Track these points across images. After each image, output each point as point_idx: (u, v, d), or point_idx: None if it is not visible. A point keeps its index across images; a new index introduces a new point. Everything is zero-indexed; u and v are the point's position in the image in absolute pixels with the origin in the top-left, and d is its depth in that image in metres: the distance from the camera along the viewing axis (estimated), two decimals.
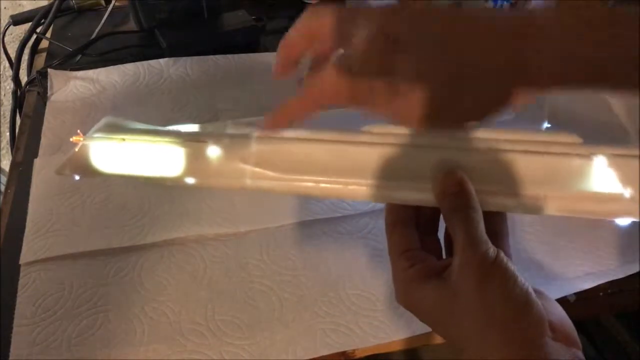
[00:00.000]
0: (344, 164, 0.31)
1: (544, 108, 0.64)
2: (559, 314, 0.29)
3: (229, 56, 0.75)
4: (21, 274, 0.49)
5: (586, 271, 0.50)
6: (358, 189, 0.31)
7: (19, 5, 1.10)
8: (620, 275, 0.50)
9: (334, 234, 0.54)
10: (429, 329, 0.47)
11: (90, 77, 0.71)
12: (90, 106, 0.67)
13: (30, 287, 0.48)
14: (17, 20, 0.78)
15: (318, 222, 0.54)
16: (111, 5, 0.81)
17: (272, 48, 0.79)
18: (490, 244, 0.28)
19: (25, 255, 0.50)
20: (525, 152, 0.30)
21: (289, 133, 0.32)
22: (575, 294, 0.49)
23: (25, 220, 0.53)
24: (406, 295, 0.30)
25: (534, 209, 0.30)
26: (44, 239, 0.51)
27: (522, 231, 0.54)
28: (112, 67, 0.72)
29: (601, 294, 0.49)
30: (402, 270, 0.30)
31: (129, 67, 0.73)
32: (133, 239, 0.52)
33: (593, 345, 0.86)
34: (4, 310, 0.46)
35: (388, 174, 0.31)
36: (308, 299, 0.48)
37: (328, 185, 0.31)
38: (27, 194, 0.56)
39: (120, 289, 0.48)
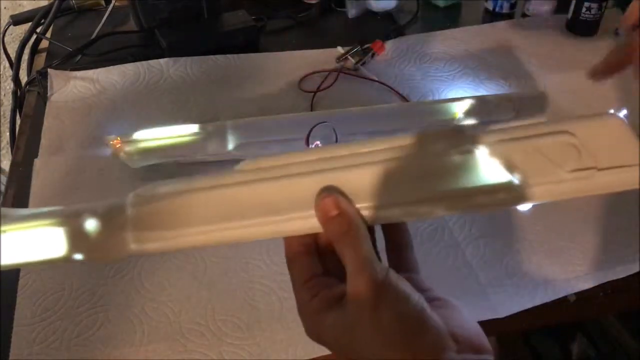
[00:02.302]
0: (223, 208, 0.30)
1: (544, 109, 0.64)
2: (463, 322, 0.29)
3: (229, 56, 0.75)
4: (21, 274, 0.49)
5: (586, 271, 0.50)
6: (245, 230, 0.30)
7: (19, 5, 1.10)
8: (620, 275, 0.50)
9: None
10: None
11: (90, 77, 0.71)
12: (90, 106, 0.67)
13: (30, 287, 0.48)
14: (17, 20, 0.78)
15: None
16: (111, 5, 0.81)
17: (272, 48, 0.79)
18: (377, 265, 0.27)
19: None
20: (401, 158, 0.30)
21: (164, 188, 0.31)
22: (575, 294, 0.49)
23: None
24: (312, 328, 0.29)
25: (424, 214, 0.30)
26: None
27: (523, 231, 0.54)
28: (112, 67, 0.72)
29: (601, 294, 0.49)
30: (305, 303, 0.29)
31: (129, 67, 0.73)
32: None
33: (593, 345, 0.86)
34: (4, 310, 0.46)
35: (272, 208, 0.30)
36: None
37: (216, 234, 0.30)
38: (27, 194, 0.56)
39: (120, 289, 0.48)
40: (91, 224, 0.30)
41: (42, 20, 0.77)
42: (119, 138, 0.57)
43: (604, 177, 0.29)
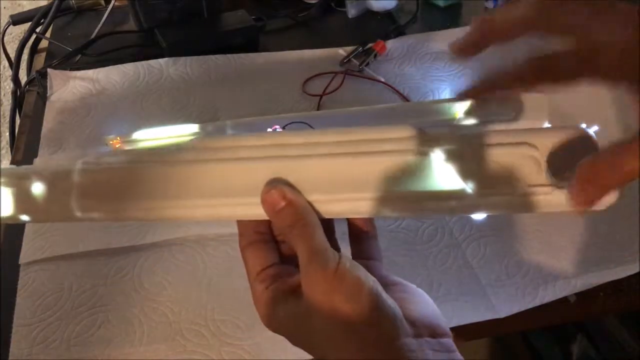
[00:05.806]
0: (167, 185, 0.29)
1: (544, 108, 0.64)
2: (421, 305, 0.29)
3: (229, 56, 0.75)
4: (21, 274, 0.49)
5: (586, 271, 0.50)
6: (185, 210, 0.29)
7: (19, 5, 1.10)
8: (620, 275, 0.50)
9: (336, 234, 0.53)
10: None
11: (90, 77, 0.71)
12: (90, 106, 0.67)
13: (30, 287, 0.48)
14: (16, 20, 0.78)
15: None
16: (111, 5, 0.81)
17: (272, 48, 0.79)
18: (329, 254, 0.27)
19: (25, 255, 0.50)
20: (357, 153, 0.29)
21: (112, 158, 0.30)
22: (575, 294, 0.49)
23: None
24: (267, 319, 0.29)
25: (370, 213, 0.29)
26: (44, 239, 0.51)
27: (523, 231, 0.54)
28: (111, 67, 0.72)
29: (601, 294, 0.49)
30: (258, 294, 0.29)
31: (129, 67, 0.73)
32: (133, 239, 0.52)
33: (593, 345, 0.86)
34: (4, 310, 0.46)
35: (216, 191, 0.29)
36: None
37: (156, 211, 0.29)
38: None
39: (120, 289, 0.48)
40: (37, 187, 0.30)
41: (42, 20, 0.77)
42: (118, 138, 0.57)
43: (563, 197, 0.27)
